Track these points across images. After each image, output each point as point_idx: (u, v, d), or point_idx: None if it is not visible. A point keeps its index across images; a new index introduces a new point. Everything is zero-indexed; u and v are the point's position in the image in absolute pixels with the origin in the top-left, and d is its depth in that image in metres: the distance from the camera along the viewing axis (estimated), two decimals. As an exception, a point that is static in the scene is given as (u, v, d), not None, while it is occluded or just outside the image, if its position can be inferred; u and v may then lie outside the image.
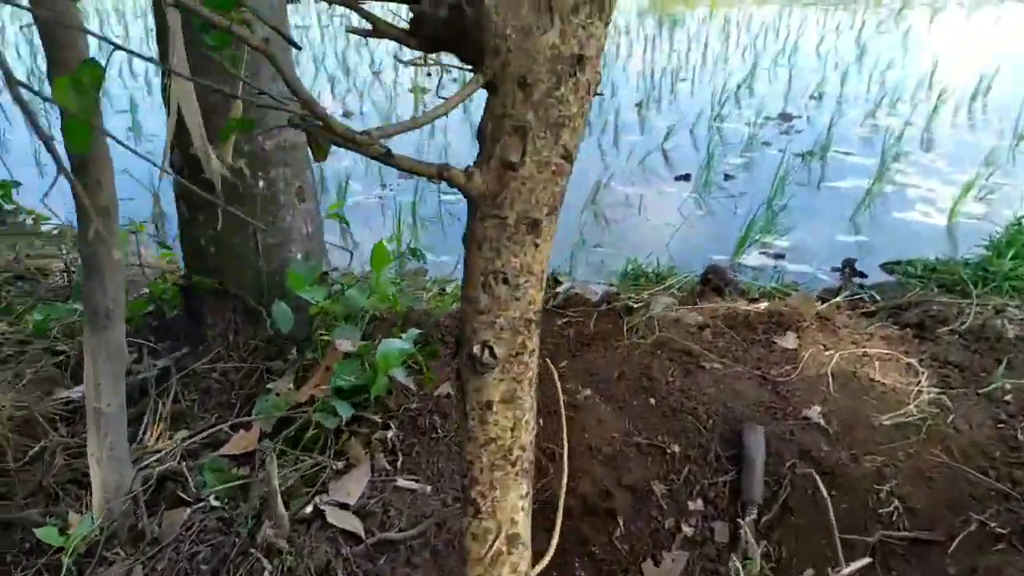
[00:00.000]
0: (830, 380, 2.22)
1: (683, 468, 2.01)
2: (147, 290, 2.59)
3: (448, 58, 1.07)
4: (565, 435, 1.92)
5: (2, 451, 1.99)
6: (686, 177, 5.23)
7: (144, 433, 2.09)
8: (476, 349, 1.02)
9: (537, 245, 1.04)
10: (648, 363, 2.27)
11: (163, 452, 1.99)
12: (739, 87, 7.82)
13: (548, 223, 1.05)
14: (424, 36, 1.02)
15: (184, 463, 1.94)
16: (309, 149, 2.34)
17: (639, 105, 7.33)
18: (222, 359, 2.29)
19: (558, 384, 1.79)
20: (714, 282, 2.84)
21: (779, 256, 4.00)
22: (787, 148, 5.65)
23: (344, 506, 1.75)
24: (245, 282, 2.25)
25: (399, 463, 1.92)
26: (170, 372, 2.23)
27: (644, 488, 1.96)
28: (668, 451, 2.04)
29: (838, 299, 2.66)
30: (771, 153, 5.69)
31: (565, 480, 1.85)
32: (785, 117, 6.77)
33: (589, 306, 2.87)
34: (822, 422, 2.07)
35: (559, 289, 3.09)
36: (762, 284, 3.22)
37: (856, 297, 2.80)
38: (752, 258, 3.99)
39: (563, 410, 1.62)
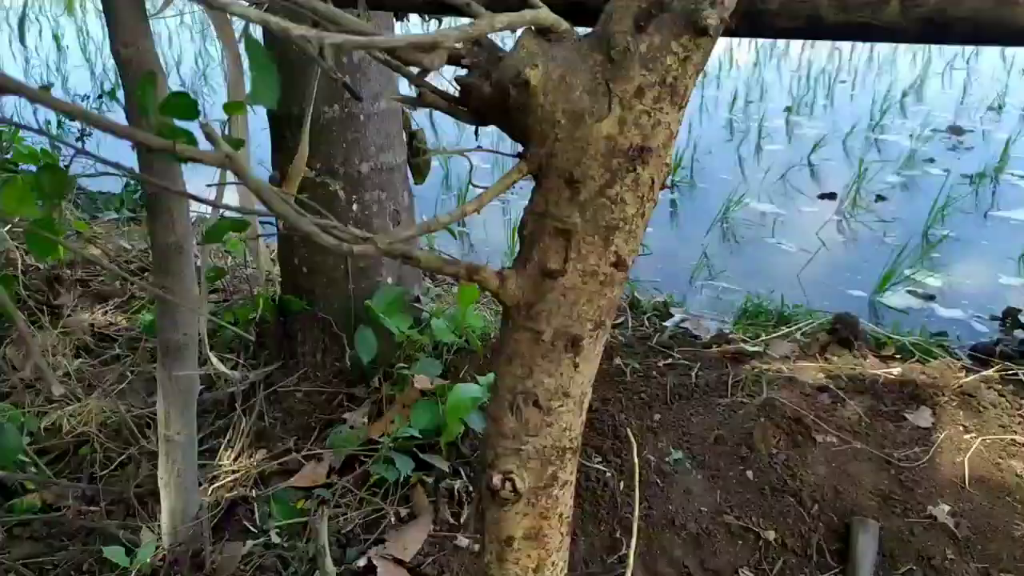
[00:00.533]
0: (966, 472, 1.92)
1: (778, 558, 1.79)
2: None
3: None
4: (636, 511, 1.75)
5: (92, 456, 2.06)
6: (831, 196, 4.82)
7: (226, 449, 2.10)
8: (496, 480, 0.89)
9: (577, 366, 0.89)
10: (751, 428, 2.04)
11: (238, 474, 1.99)
12: (905, 94, 7.15)
13: (592, 340, 0.89)
14: (472, 109, 0.89)
15: (255, 489, 1.93)
16: (409, 170, 2.26)
17: (788, 110, 6.85)
18: (308, 379, 2.27)
19: (636, 453, 1.63)
20: (842, 334, 2.55)
21: (929, 297, 3.58)
22: (953, 168, 5.09)
23: (399, 562, 1.67)
24: (334, 304, 2.22)
25: (463, 517, 1.82)
26: (258, 387, 2.23)
27: (729, 577, 1.76)
28: (763, 536, 1.82)
29: (988, 372, 2.30)
30: (934, 173, 5.14)
31: (632, 559, 1.69)
32: (955, 131, 6.11)
33: (697, 346, 2.66)
34: (950, 524, 1.79)
35: (667, 323, 2.89)
36: (903, 333, 2.87)
37: (1011, 363, 2.43)
38: (897, 297, 3.59)
39: (638, 479, 1.46)
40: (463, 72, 0.90)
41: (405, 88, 3.92)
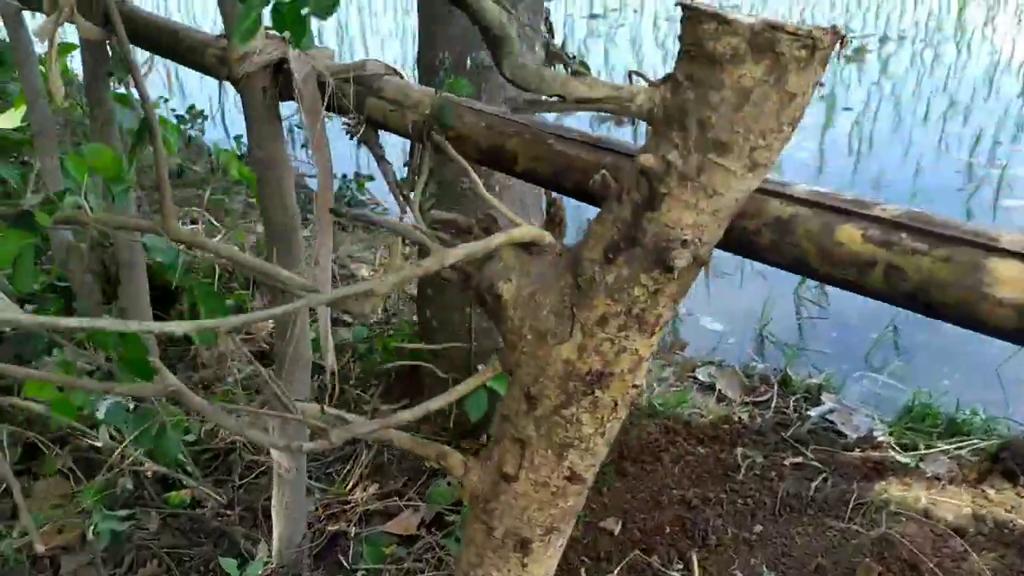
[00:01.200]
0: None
1: None
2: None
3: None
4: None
5: (237, 463, 2.35)
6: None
7: (344, 479, 2.31)
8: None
9: (525, 566, 0.91)
10: (855, 566, 1.88)
11: (348, 507, 2.18)
12: None
13: (543, 544, 0.91)
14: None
15: (356, 526, 2.11)
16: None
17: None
18: (429, 422, 2.42)
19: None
20: (1008, 464, 2.25)
21: None
22: None
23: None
24: (458, 361, 2.33)
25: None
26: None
27: None
28: None
29: None
30: None
31: None
32: None
33: (837, 447, 2.47)
34: None
35: (813, 411, 2.70)
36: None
37: None
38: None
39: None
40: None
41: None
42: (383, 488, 2.26)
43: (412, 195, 1.09)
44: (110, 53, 2.16)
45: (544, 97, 0.73)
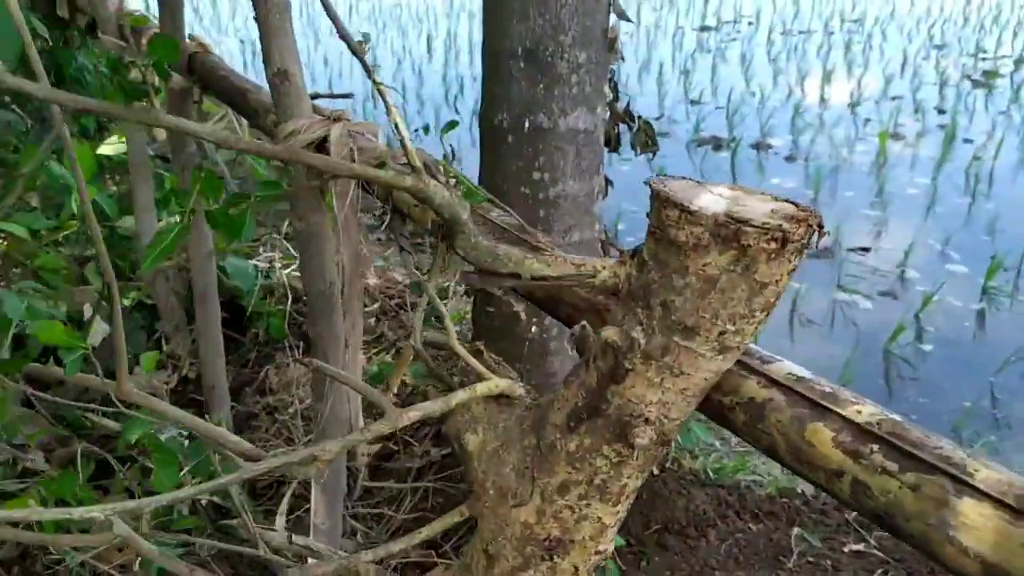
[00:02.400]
0: None
1: None
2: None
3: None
4: None
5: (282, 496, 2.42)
6: None
7: (386, 524, 2.34)
8: None
9: None
10: None
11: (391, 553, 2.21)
12: None
13: None
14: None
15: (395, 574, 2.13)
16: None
17: None
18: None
19: None
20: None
21: None
22: None
23: None
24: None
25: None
26: (427, 470, 2.44)
27: None
28: None
29: None
30: None
31: None
32: None
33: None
34: None
35: (884, 491, 2.54)
36: None
37: None
38: None
39: None
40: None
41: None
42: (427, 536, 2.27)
43: (417, 313, 1.09)
44: (193, 99, 2.28)
45: (502, 274, 0.72)
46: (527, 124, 1.98)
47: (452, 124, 1.62)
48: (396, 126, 0.72)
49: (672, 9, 13.97)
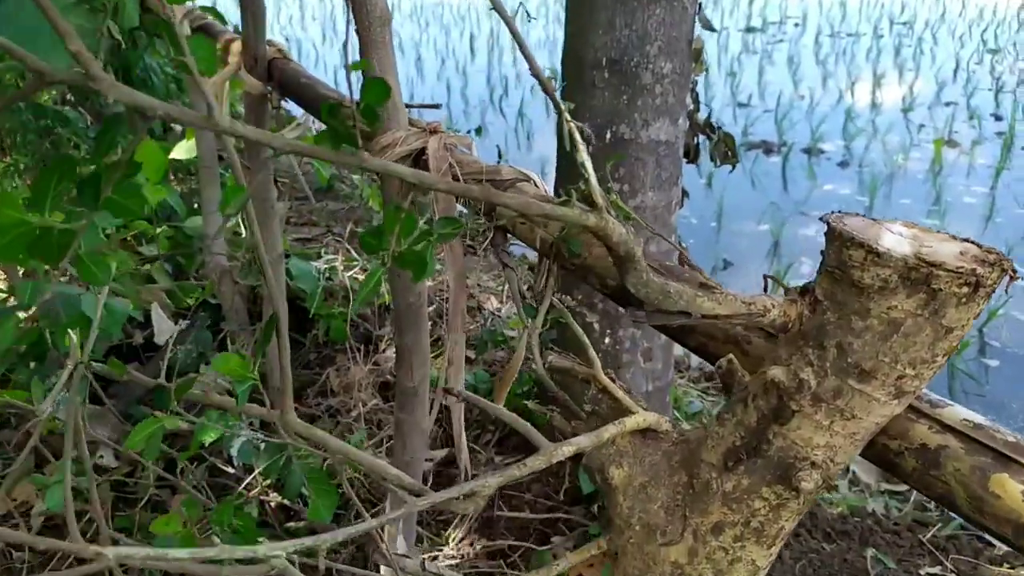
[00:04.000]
0: None
1: None
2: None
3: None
4: None
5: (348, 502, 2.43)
6: None
7: (456, 528, 2.34)
8: None
9: None
10: None
11: (453, 561, 2.21)
12: None
13: None
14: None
15: (460, 584, 2.13)
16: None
17: None
18: (540, 482, 2.41)
19: None
20: None
21: None
22: None
23: None
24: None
25: None
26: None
27: None
28: None
29: None
30: None
31: None
32: None
33: (982, 558, 2.26)
34: None
35: (958, 513, 2.48)
36: None
37: None
38: None
39: None
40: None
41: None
42: (488, 546, 2.27)
43: (531, 324, 1.08)
44: (270, 108, 2.29)
45: (672, 312, 0.70)
46: (608, 135, 1.96)
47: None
48: (583, 164, 0.70)
49: (716, 9, 13.81)
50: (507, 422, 0.81)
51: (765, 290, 0.74)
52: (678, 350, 2.89)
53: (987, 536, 2.39)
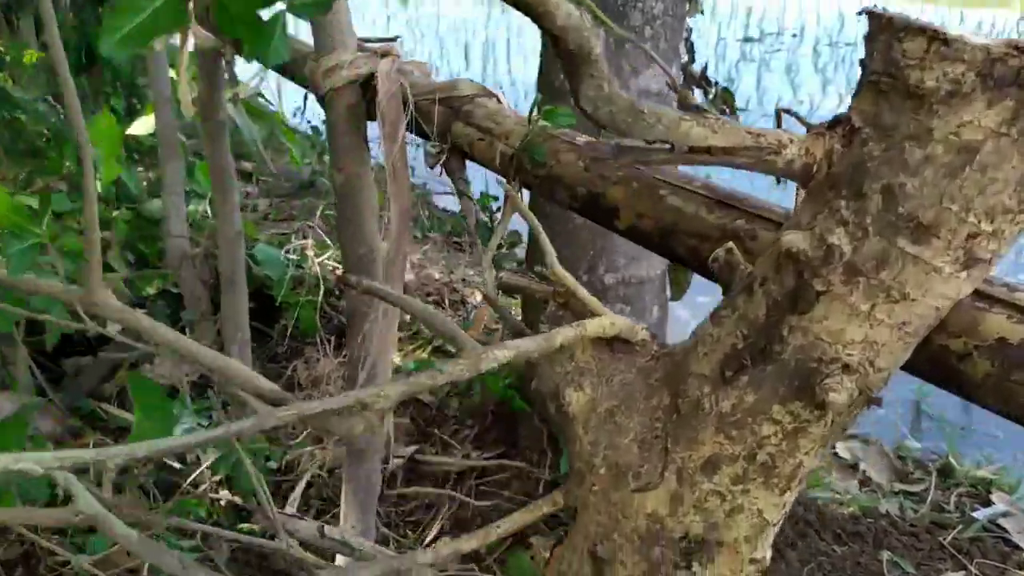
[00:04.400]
0: None
1: None
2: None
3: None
4: None
5: (308, 499, 2.21)
6: None
7: (426, 529, 2.11)
8: None
9: None
10: None
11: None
12: None
13: None
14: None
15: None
16: (668, 283, 2.05)
17: None
18: (521, 479, 2.19)
19: None
20: None
21: None
22: None
23: None
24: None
25: None
26: (469, 474, 2.21)
27: None
28: None
29: None
30: None
31: None
32: None
33: (1010, 563, 2.04)
34: None
35: (980, 513, 2.25)
36: None
37: None
38: None
39: None
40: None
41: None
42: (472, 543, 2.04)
43: (490, 244, 0.87)
44: (224, 64, 2.10)
45: (646, 143, 0.49)
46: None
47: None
48: None
49: (713, 21, 13.74)
50: (414, 312, 0.60)
51: (778, 126, 0.54)
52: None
53: (1014, 539, 2.17)
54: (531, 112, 0.96)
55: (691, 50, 1.86)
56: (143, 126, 2.75)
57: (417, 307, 0.59)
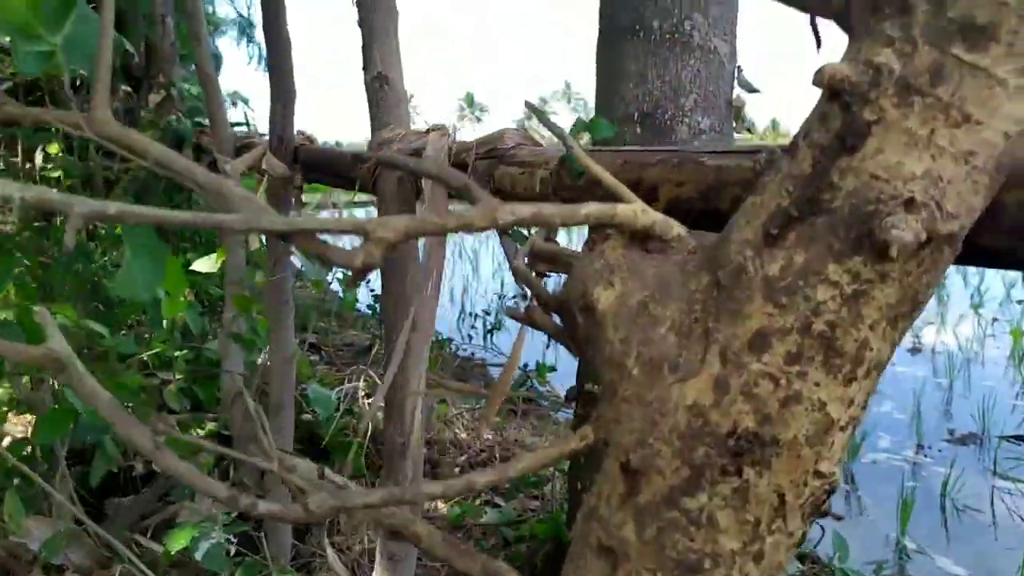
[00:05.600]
0: None
1: None
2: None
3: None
4: None
5: None
6: None
7: None
8: None
9: None
10: None
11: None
12: None
13: None
14: (573, 339, 0.65)
15: None
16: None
17: None
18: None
19: None
20: None
21: None
22: None
23: None
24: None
25: None
26: None
27: None
28: None
29: None
30: None
31: None
32: None
33: None
34: None
35: None
36: None
37: None
38: None
39: None
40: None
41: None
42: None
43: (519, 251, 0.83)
44: (292, 191, 2.22)
45: None
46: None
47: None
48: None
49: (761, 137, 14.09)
50: (425, 173, 0.56)
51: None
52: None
53: None
54: (566, 134, 0.96)
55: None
56: (207, 264, 2.87)
57: (429, 168, 0.55)
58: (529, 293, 0.69)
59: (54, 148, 4.18)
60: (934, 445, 4.04)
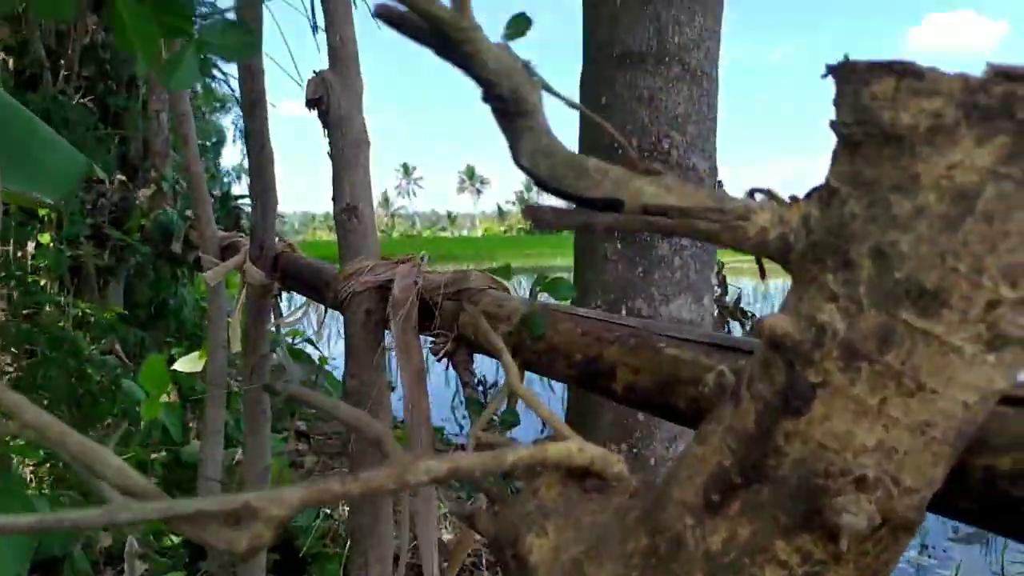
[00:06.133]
0: None
1: None
2: None
3: None
4: None
5: None
6: None
7: None
8: None
9: None
10: None
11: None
12: None
13: None
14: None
15: None
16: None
17: None
18: None
19: None
20: None
21: None
22: None
23: None
24: None
25: None
26: None
27: None
28: None
29: None
30: None
31: None
32: None
33: None
34: None
35: None
36: None
37: None
38: None
39: None
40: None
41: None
42: None
43: (481, 418, 0.79)
44: (272, 294, 2.18)
45: (593, 201, 0.43)
46: (624, 312, 1.75)
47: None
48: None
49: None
50: (336, 415, 0.51)
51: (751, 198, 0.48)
52: None
53: None
54: (532, 290, 0.93)
55: (724, 283, 1.85)
56: (189, 364, 2.81)
57: (339, 409, 0.51)
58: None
59: (45, 238, 4.19)
60: (938, 545, 3.91)
